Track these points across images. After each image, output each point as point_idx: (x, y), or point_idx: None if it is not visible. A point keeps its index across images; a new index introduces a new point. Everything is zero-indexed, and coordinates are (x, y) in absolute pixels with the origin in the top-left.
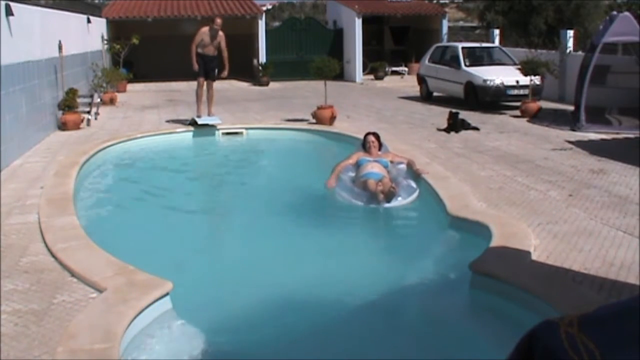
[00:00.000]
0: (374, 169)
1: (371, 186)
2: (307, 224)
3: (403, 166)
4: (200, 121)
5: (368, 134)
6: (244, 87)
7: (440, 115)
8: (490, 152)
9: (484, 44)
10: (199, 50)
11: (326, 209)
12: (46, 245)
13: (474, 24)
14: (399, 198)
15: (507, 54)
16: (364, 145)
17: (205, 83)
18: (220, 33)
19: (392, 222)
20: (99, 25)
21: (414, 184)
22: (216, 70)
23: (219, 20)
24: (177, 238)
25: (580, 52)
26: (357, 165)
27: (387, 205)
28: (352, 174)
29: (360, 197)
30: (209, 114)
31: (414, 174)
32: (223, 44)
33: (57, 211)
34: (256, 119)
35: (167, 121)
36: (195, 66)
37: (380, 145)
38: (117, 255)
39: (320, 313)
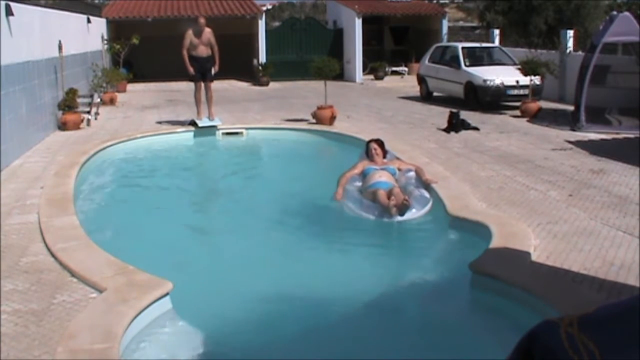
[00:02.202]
0: (382, 178)
1: (382, 198)
2: (307, 226)
3: (412, 174)
4: (200, 124)
5: (370, 141)
6: (244, 87)
7: (440, 115)
8: (490, 152)
9: (484, 44)
10: (192, 53)
11: (330, 217)
12: (46, 245)
13: (474, 24)
14: (413, 210)
15: (507, 54)
16: (367, 154)
17: (202, 85)
18: (207, 30)
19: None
20: (99, 25)
21: (426, 194)
22: (212, 70)
23: (202, 20)
24: (177, 238)
25: (580, 52)
26: (364, 175)
27: (400, 218)
28: (359, 184)
29: (370, 210)
30: (210, 116)
31: (423, 183)
32: (213, 40)
33: (57, 211)
34: (256, 119)
35: (166, 122)
36: (191, 69)
37: (385, 152)
38: (117, 255)
39: (320, 313)
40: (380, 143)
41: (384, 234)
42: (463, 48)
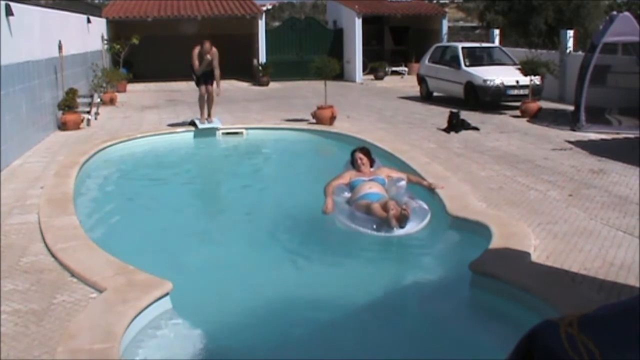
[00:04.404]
0: (372, 189)
1: (377, 211)
2: (307, 228)
3: (403, 183)
4: (201, 126)
5: (355, 150)
6: (244, 87)
7: (440, 115)
8: (490, 152)
9: (484, 44)
10: (195, 71)
11: (328, 224)
12: (46, 245)
13: (474, 24)
14: (412, 223)
15: (507, 54)
16: (353, 164)
17: (206, 90)
18: (213, 51)
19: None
20: (99, 25)
21: (425, 205)
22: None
23: (207, 45)
24: (177, 238)
25: (580, 52)
26: (351, 187)
27: (401, 231)
28: (347, 194)
29: (366, 224)
30: (209, 117)
31: (427, 188)
32: (215, 62)
33: (57, 211)
34: (256, 119)
35: (172, 124)
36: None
37: (372, 161)
38: (117, 255)
39: (320, 313)
40: (366, 152)
41: (383, 245)
42: (463, 48)
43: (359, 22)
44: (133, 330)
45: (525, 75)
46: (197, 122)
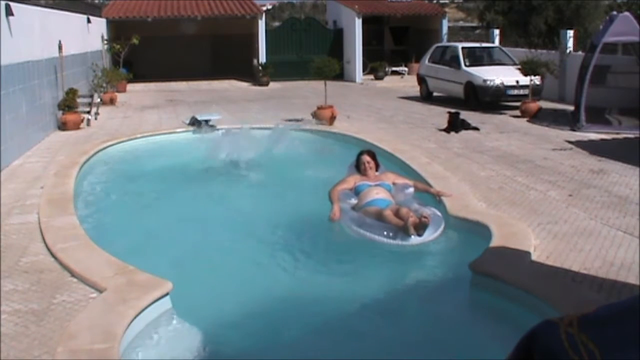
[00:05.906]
0: (379, 195)
1: (392, 219)
2: (306, 229)
3: (411, 190)
4: (200, 117)
5: (362, 153)
6: (244, 87)
7: (440, 115)
8: (490, 152)
9: (484, 44)
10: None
11: (329, 228)
12: (46, 245)
13: (474, 24)
14: (428, 230)
15: (507, 54)
16: (358, 167)
17: None
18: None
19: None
20: (99, 25)
21: (438, 212)
22: None
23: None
24: (177, 238)
25: (580, 52)
26: (356, 192)
27: (419, 239)
28: (353, 200)
29: (378, 231)
30: None
31: (434, 196)
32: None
33: (57, 211)
34: (256, 119)
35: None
36: None
37: (378, 165)
38: (117, 255)
39: (320, 314)
40: (372, 155)
41: (396, 252)
42: (463, 48)
43: (359, 22)
44: (133, 330)
45: (525, 75)
46: (196, 115)
